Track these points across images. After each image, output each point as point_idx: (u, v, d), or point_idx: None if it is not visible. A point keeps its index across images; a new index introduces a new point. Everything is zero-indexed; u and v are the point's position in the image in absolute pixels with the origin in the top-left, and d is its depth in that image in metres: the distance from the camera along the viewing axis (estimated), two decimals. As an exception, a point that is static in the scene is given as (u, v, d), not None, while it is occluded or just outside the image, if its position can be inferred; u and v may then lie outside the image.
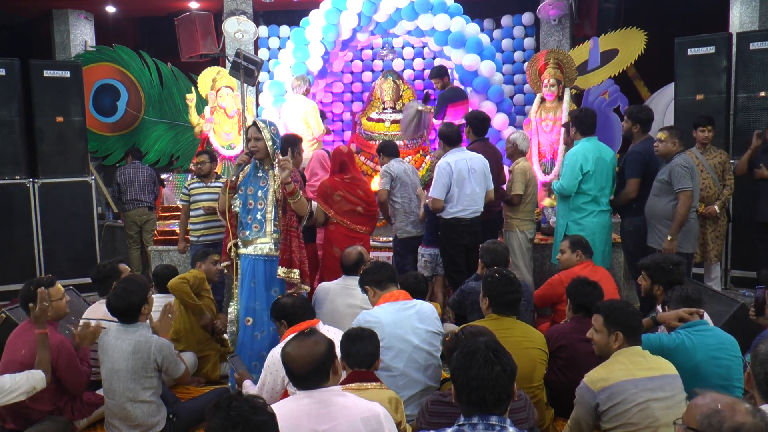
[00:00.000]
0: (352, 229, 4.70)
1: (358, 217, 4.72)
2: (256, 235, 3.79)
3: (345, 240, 4.62)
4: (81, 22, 8.32)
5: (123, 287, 3.16)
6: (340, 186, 4.70)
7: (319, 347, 2.16)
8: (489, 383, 1.83)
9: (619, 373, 2.52)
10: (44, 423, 3.21)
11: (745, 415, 1.53)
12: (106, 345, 3.17)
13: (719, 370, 2.72)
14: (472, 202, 4.64)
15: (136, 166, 7.08)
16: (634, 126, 4.63)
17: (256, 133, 3.77)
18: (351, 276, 3.92)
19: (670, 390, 2.50)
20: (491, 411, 1.84)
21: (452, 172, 4.58)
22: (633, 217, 4.61)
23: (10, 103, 5.90)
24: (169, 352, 3.19)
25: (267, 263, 3.79)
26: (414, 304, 3.25)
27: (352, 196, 4.70)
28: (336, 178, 4.74)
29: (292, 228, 3.75)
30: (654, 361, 2.59)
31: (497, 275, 3.15)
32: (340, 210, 4.68)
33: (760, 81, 5.44)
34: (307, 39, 6.68)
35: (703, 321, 2.87)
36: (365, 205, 4.75)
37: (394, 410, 2.46)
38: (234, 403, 1.66)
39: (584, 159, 4.54)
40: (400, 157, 5.27)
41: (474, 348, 1.89)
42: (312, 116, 6.37)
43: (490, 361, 1.85)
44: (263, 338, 3.78)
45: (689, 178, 4.23)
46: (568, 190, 4.58)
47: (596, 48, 6.78)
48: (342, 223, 4.67)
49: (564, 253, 4.15)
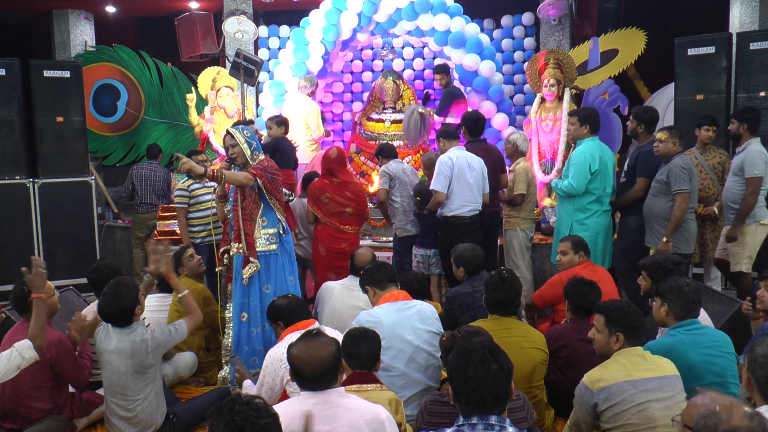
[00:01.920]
0: (340, 230, 4.74)
1: (347, 217, 4.76)
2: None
3: (331, 240, 4.68)
4: (81, 22, 8.31)
5: (113, 293, 3.12)
6: (328, 188, 4.73)
7: (329, 348, 2.15)
8: (487, 383, 1.83)
9: (617, 374, 2.52)
10: (44, 422, 3.22)
11: (742, 418, 1.53)
12: (103, 348, 3.16)
13: (713, 368, 2.72)
14: (471, 199, 4.65)
15: (153, 166, 6.87)
16: (639, 126, 4.63)
17: (231, 140, 3.90)
18: (357, 276, 3.93)
19: (670, 391, 2.49)
20: (490, 411, 1.84)
21: (453, 167, 4.59)
22: (638, 215, 4.58)
23: (10, 103, 5.89)
24: (164, 339, 3.18)
25: (259, 259, 3.87)
26: (414, 305, 3.25)
27: (340, 197, 4.73)
28: (325, 180, 4.80)
29: (245, 211, 3.83)
30: (654, 361, 2.59)
31: (497, 277, 3.15)
32: (328, 211, 4.72)
33: (760, 81, 5.43)
34: (307, 39, 6.69)
35: (695, 320, 2.86)
36: (354, 205, 4.76)
37: (394, 411, 2.46)
38: (237, 407, 1.65)
39: (592, 158, 4.55)
40: (398, 158, 5.28)
41: (470, 348, 1.90)
42: (313, 118, 6.38)
43: (486, 360, 1.86)
44: (258, 333, 3.89)
45: (687, 179, 4.22)
46: (578, 190, 4.55)
47: (596, 48, 6.78)
48: (329, 224, 4.71)
49: (566, 254, 4.11)
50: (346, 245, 4.72)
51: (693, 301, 2.84)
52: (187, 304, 3.41)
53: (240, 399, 1.69)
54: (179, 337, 3.27)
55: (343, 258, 4.52)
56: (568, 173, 4.65)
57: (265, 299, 3.82)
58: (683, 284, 2.87)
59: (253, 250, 3.86)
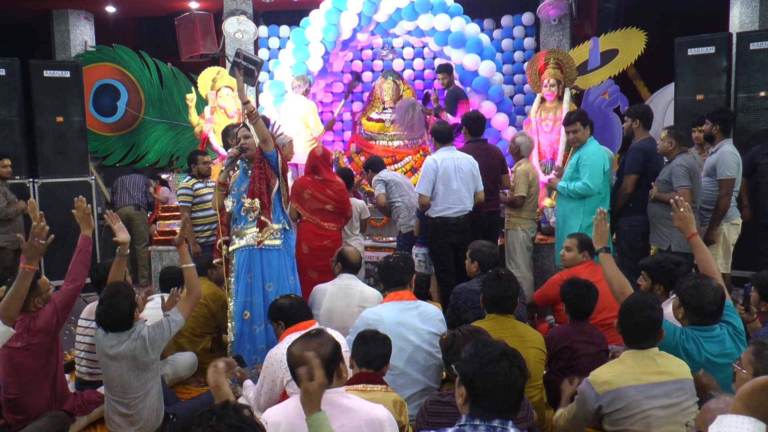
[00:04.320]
0: (321, 226, 4.76)
1: (328, 214, 4.76)
2: (250, 224, 3.93)
3: (313, 237, 4.67)
4: (81, 22, 8.31)
5: (109, 303, 3.12)
6: (309, 185, 4.74)
7: (324, 349, 2.15)
8: (513, 390, 1.82)
9: (625, 377, 2.47)
10: (43, 419, 3.22)
11: None
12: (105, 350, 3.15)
13: (719, 374, 2.64)
14: (457, 201, 4.64)
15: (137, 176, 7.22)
16: (635, 122, 4.64)
17: (246, 132, 4.00)
18: (348, 274, 3.94)
19: (677, 396, 2.45)
20: (508, 416, 1.82)
21: (438, 170, 4.61)
22: (629, 216, 4.60)
23: (10, 103, 5.90)
24: (160, 332, 3.18)
25: (261, 253, 3.89)
26: (418, 305, 3.27)
27: (320, 194, 4.73)
28: (307, 177, 4.80)
29: (256, 159, 3.95)
30: (665, 364, 2.51)
31: (494, 275, 3.16)
32: (309, 208, 4.73)
33: (760, 81, 5.44)
34: (307, 39, 6.68)
35: (713, 327, 2.75)
36: (335, 203, 4.78)
37: (398, 413, 2.46)
38: (214, 419, 1.61)
39: (604, 159, 4.56)
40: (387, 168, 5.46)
41: (496, 354, 1.86)
42: (311, 116, 6.37)
43: (514, 367, 1.84)
44: (261, 332, 3.89)
45: (688, 177, 4.26)
46: (594, 190, 4.53)
47: (596, 48, 6.78)
48: (311, 220, 4.71)
49: (570, 250, 4.08)
50: (329, 242, 4.72)
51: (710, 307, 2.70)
52: (188, 279, 3.43)
53: (223, 407, 1.66)
54: (175, 325, 3.27)
55: (325, 256, 4.54)
56: (575, 175, 4.62)
57: (268, 297, 3.82)
58: (705, 286, 2.72)
59: (267, 211, 3.92)
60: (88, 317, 3.71)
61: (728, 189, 4.57)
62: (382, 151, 6.61)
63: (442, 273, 4.74)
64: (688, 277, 2.89)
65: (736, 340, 2.73)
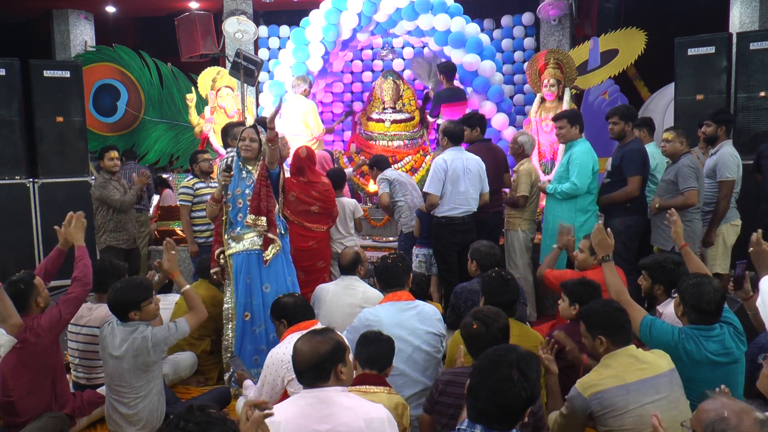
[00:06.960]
0: (306, 228, 4.76)
1: (313, 216, 4.76)
2: (247, 229, 3.88)
3: (299, 238, 4.66)
4: (81, 22, 8.32)
5: (124, 284, 3.21)
6: (294, 187, 4.73)
7: (324, 346, 2.15)
8: (515, 406, 1.83)
9: (610, 380, 2.47)
10: (42, 419, 3.21)
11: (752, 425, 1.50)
12: (108, 346, 3.17)
13: (719, 373, 2.66)
14: (464, 202, 4.65)
15: (130, 167, 7.04)
16: (627, 125, 4.64)
17: (253, 134, 3.92)
18: (349, 275, 3.95)
19: (665, 390, 2.46)
20: (510, 427, 1.83)
21: (447, 169, 4.60)
22: (625, 216, 4.59)
23: (10, 103, 5.88)
24: (164, 336, 3.18)
25: (260, 256, 3.88)
26: (416, 305, 3.26)
27: (305, 196, 4.73)
28: (292, 179, 4.79)
29: (263, 178, 3.88)
30: (647, 359, 2.53)
31: (494, 275, 3.15)
32: (295, 209, 4.72)
33: (760, 81, 5.43)
34: (307, 39, 6.69)
35: (713, 327, 2.73)
36: (321, 204, 4.77)
37: (399, 416, 2.45)
38: (182, 421, 1.61)
39: (593, 158, 4.56)
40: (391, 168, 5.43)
41: (508, 376, 1.85)
42: (311, 116, 6.37)
43: (523, 390, 1.84)
44: (261, 332, 3.88)
45: (695, 178, 4.27)
46: (582, 190, 4.54)
47: (596, 48, 6.79)
48: (296, 222, 4.70)
49: (583, 252, 3.98)
50: (314, 243, 4.72)
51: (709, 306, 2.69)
52: (189, 300, 3.42)
53: (188, 410, 1.65)
54: (180, 333, 3.27)
55: (311, 257, 4.53)
56: (565, 175, 4.64)
57: (266, 298, 3.82)
58: (706, 285, 2.72)
59: (274, 228, 3.88)
60: (77, 323, 3.68)
61: (728, 190, 4.56)
62: (382, 151, 6.60)
63: (446, 273, 4.73)
64: (690, 276, 2.90)
65: (737, 340, 2.73)
